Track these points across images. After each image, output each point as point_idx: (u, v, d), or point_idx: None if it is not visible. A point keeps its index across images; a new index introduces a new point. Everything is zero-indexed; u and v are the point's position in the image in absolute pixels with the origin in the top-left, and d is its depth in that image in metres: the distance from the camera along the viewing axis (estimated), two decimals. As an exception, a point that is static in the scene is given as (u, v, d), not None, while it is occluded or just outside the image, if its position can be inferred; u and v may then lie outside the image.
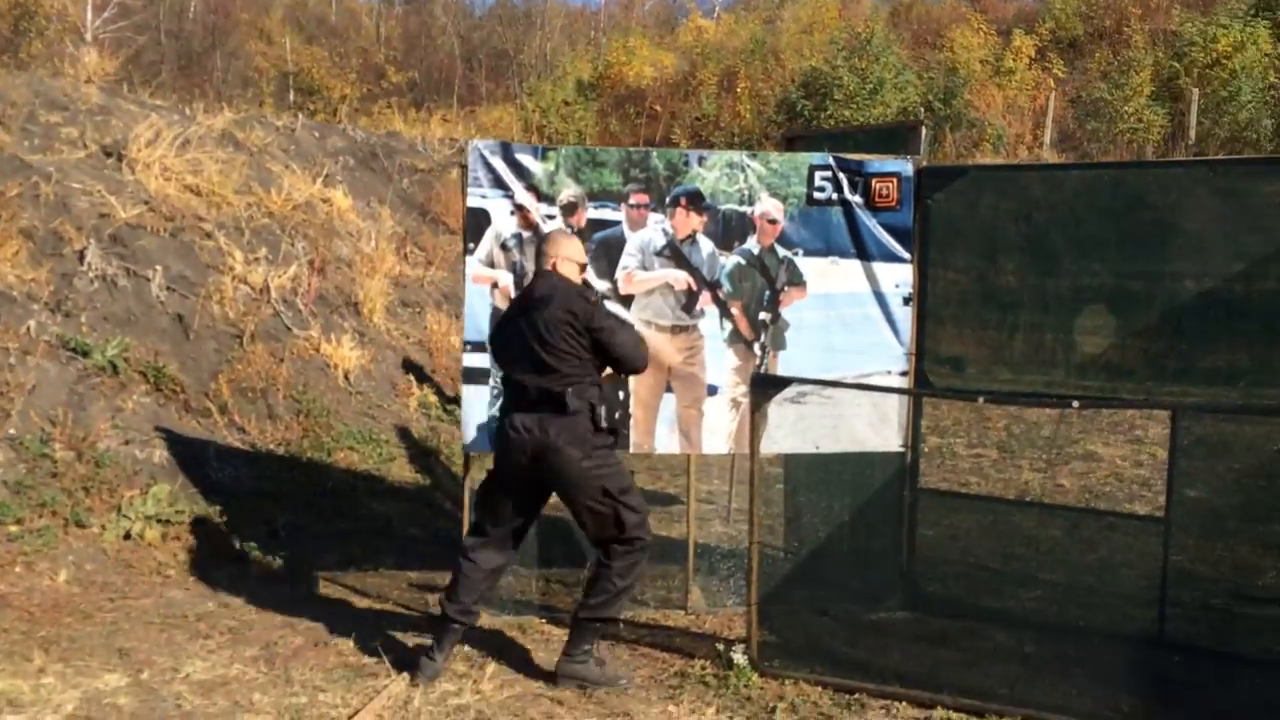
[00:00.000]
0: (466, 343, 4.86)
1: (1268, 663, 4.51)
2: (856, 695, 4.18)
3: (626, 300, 4.91)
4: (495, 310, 4.81)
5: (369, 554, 5.99)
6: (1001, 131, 16.83)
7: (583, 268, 4.35)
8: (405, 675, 4.27)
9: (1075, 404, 4.14)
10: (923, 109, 17.04)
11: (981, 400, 4.26)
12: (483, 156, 4.73)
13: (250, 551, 5.74)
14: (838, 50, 18.36)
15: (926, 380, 5.22)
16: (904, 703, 4.13)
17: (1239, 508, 4.83)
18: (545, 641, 4.78)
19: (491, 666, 4.42)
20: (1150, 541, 4.94)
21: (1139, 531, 5.41)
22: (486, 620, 4.94)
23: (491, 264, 4.81)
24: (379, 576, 5.66)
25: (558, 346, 4.08)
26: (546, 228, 4.79)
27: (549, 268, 4.21)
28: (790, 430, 5.11)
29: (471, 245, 4.80)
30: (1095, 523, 6.29)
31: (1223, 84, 15.79)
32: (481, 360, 4.81)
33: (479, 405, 4.85)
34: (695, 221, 4.93)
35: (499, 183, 4.76)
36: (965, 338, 5.25)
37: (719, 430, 5.06)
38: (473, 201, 4.78)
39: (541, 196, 4.81)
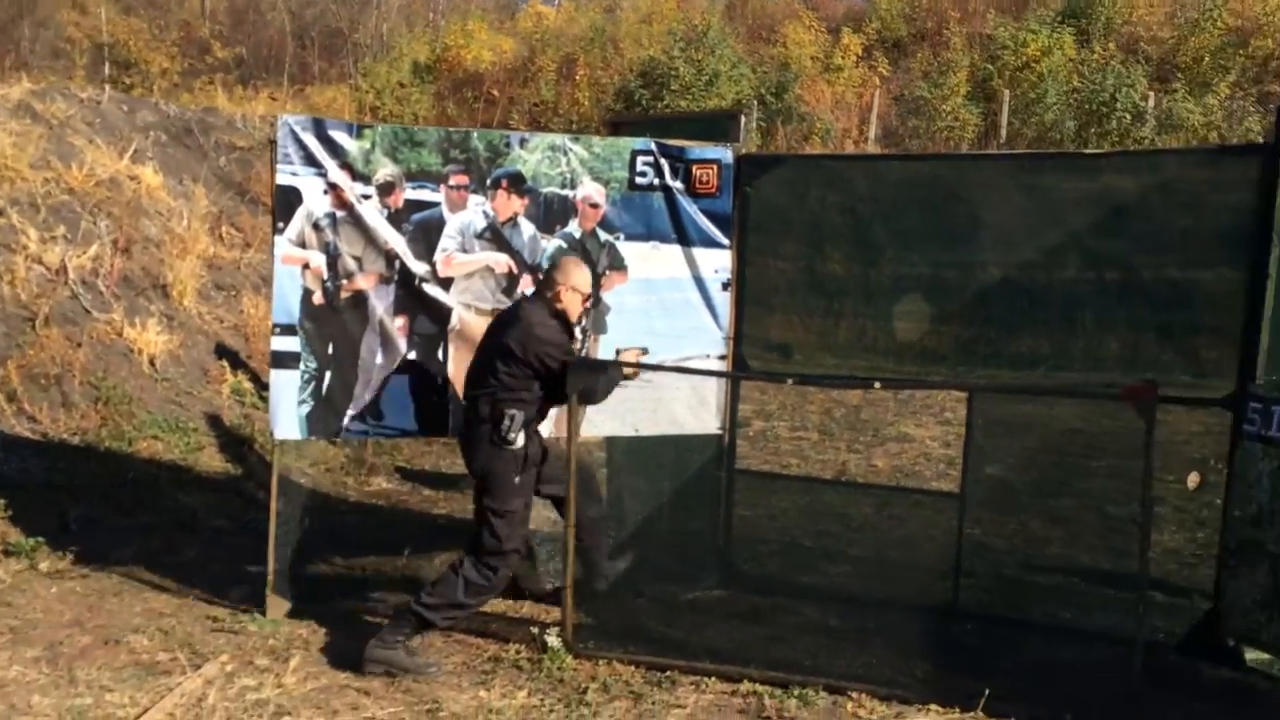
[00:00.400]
0: (275, 325, 4.68)
1: (1052, 627, 4.82)
2: (668, 673, 4.25)
3: (446, 283, 4.84)
4: (306, 292, 4.66)
5: (170, 547, 5.71)
6: (830, 126, 17.39)
7: (585, 298, 4.53)
8: (201, 672, 4.10)
9: (877, 384, 4.30)
10: (756, 102, 17.43)
11: (790, 382, 4.38)
12: (293, 132, 4.56)
13: (37, 547, 5.38)
14: (675, 41, 18.55)
15: (745, 364, 5.33)
16: (714, 678, 4.22)
17: (1032, 484, 5.12)
18: (355, 631, 4.66)
19: (297, 659, 4.29)
20: (948, 517, 5.20)
21: (940, 508, 5.68)
22: (294, 611, 4.80)
23: (303, 244, 4.64)
24: (180, 570, 5.39)
25: (497, 367, 4.29)
26: (362, 208, 4.67)
27: (550, 295, 4.41)
28: (610, 414, 5.13)
29: (281, 224, 4.62)
30: (903, 500, 6.60)
31: (1031, 86, 16.73)
32: (291, 344, 4.65)
33: (289, 391, 4.68)
34: (517, 204, 4.89)
35: (311, 160, 4.59)
36: (793, 324, 5.39)
37: (540, 414, 5.03)
38: (282, 179, 4.60)
39: (356, 175, 4.67)
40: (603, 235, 5.03)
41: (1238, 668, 4.44)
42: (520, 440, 4.33)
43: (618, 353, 4.92)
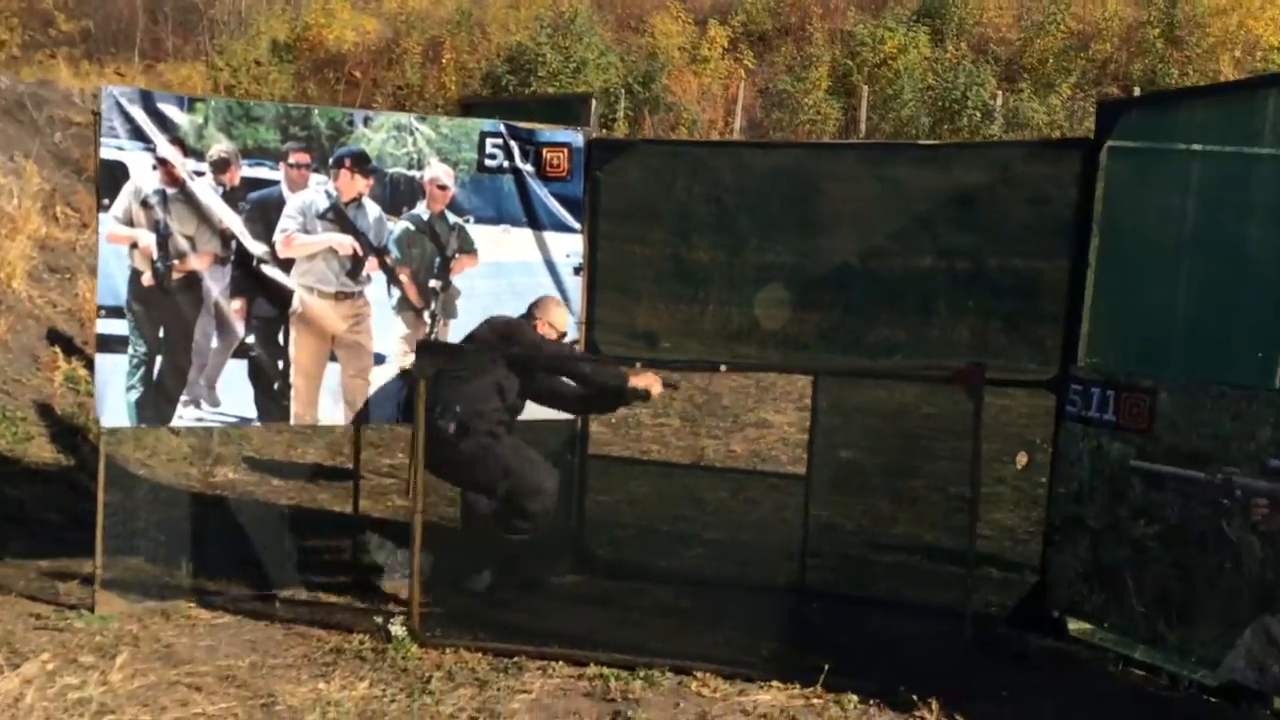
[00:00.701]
0: (101, 307, 4.44)
1: (893, 604, 4.98)
2: (516, 659, 4.23)
3: (286, 264, 4.68)
4: (135, 272, 4.44)
5: (-7, 543, 5.40)
6: (696, 117, 17.57)
7: (562, 336, 4.97)
8: (19, 671, 3.88)
9: (723, 366, 4.36)
10: (624, 91, 17.48)
11: (638, 365, 4.40)
12: (119, 104, 4.33)
13: None
14: (542, 27, 18.46)
15: (597, 349, 5.34)
16: (561, 663, 4.21)
17: (875, 466, 5.27)
18: (191, 627, 4.51)
19: (124, 656, 4.09)
20: (797, 499, 5.31)
21: (790, 490, 5.80)
22: (126, 607, 4.60)
23: (130, 222, 4.43)
24: (3, 566, 5.10)
25: None
26: (195, 184, 4.47)
27: (534, 325, 4.91)
28: (460, 399, 5.07)
29: (106, 201, 4.39)
30: (757, 484, 6.73)
31: (889, 82, 17.25)
32: (118, 327, 4.43)
33: (115, 376, 4.47)
34: (360, 184, 4.77)
35: (138, 134, 4.38)
36: (660, 312, 5.41)
37: (388, 400, 4.94)
38: (107, 153, 4.36)
39: (189, 151, 4.48)
40: (452, 218, 4.95)
41: (1061, 638, 4.67)
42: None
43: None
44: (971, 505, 3.97)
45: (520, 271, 5.08)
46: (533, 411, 5.09)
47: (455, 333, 5.00)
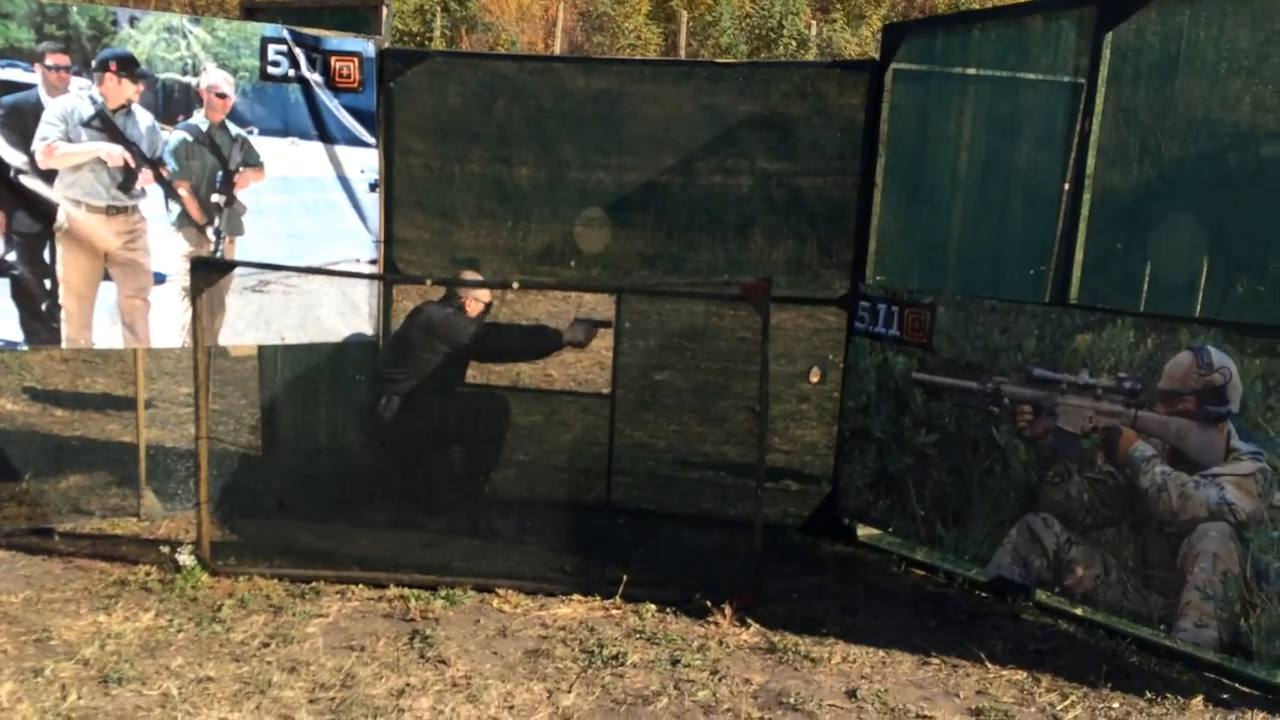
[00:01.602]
0: None
1: (695, 517, 5.12)
2: (314, 584, 4.14)
3: (48, 175, 4.33)
4: None
5: None
6: (515, 38, 17.15)
7: (487, 306, 5.15)
8: None
9: (515, 284, 4.30)
10: (439, 8, 16.88)
11: (430, 283, 4.30)
12: None
13: None
14: (352, -63, 17.55)
15: (397, 268, 5.19)
16: (361, 585, 4.15)
17: (687, 386, 5.35)
18: (-42, 564, 4.21)
19: (-122, 597, 3.80)
20: (604, 418, 5.35)
21: (603, 411, 5.84)
22: (-120, 547, 4.26)
23: None
24: None
25: None
26: (-66, 85, 4.07)
27: (461, 304, 5.05)
28: (252, 321, 4.87)
29: None
30: (571, 406, 6.74)
31: (708, 9, 17.26)
32: None
33: None
34: (129, 90, 4.43)
35: None
36: (481, 236, 5.28)
37: (171, 322, 4.68)
38: None
39: (-73, 48, 4.06)
40: (234, 129, 4.68)
41: (851, 543, 4.92)
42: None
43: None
44: (761, 417, 4.08)
45: (312, 187, 4.86)
46: (337, 334, 4.96)
47: (244, 251, 4.76)
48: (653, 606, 4.02)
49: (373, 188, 4.99)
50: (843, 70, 4.78)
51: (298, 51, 4.72)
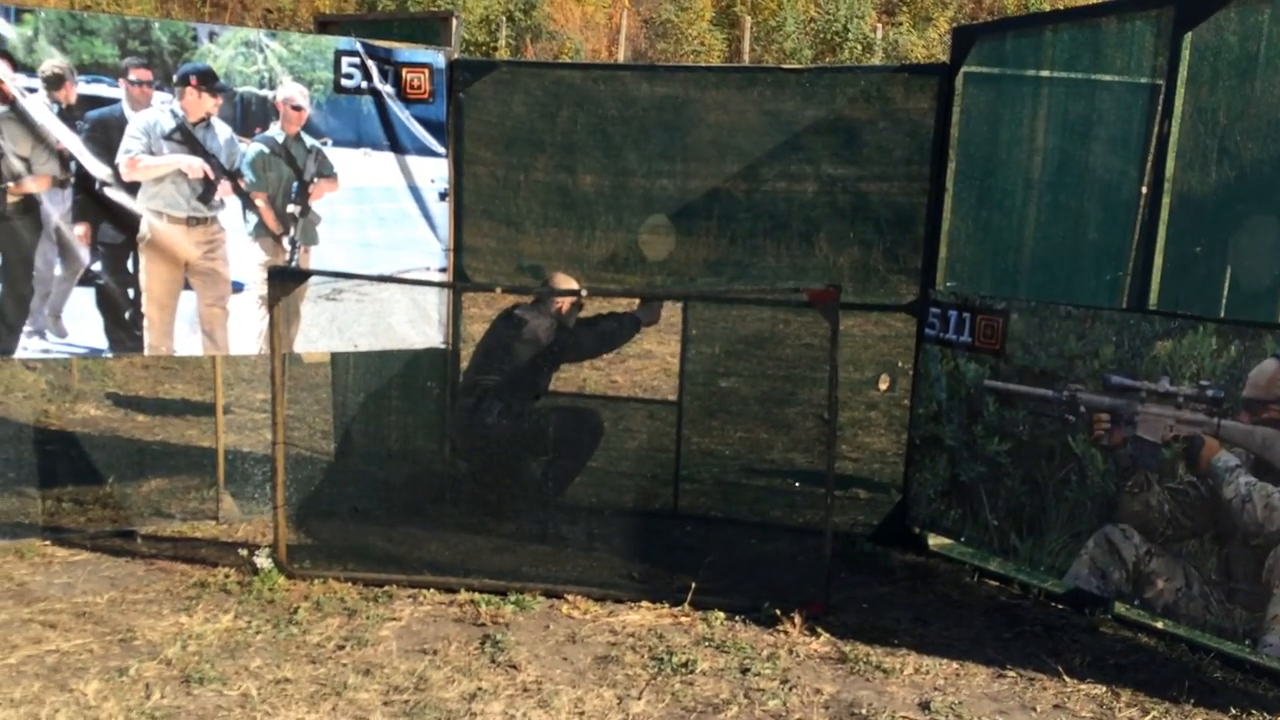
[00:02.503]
0: (-70, 232, 4.19)
1: (764, 524, 5.10)
2: (386, 588, 4.20)
3: (132, 187, 4.46)
4: (-32, 195, 4.18)
5: None
6: (579, 46, 17.29)
7: (577, 303, 5.13)
8: None
9: (584, 292, 4.33)
10: (505, 19, 17.08)
11: (500, 290, 4.35)
12: (-64, 14, 4.04)
13: None
14: (420, -50, 17.83)
15: (466, 276, 5.25)
16: (432, 589, 4.20)
17: (754, 393, 5.34)
18: (46, 565, 4.35)
19: (-28, 596, 3.95)
20: (672, 425, 5.36)
21: (670, 418, 5.84)
22: (-23, 547, 4.42)
23: (-43, 142, 4.15)
24: None
25: None
26: (26, 102, 4.20)
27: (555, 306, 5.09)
28: (326, 329, 4.96)
29: (-71, 119, 4.11)
30: (638, 412, 6.75)
31: (771, 14, 17.23)
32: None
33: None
34: (209, 103, 4.55)
35: (-40, 47, 4.10)
36: (546, 243, 5.33)
37: (248, 330, 4.79)
38: (-74, 67, 4.08)
39: (18, 66, 4.19)
40: (309, 140, 4.77)
41: (922, 553, 4.86)
42: None
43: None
44: (829, 425, 4.05)
45: (384, 196, 4.94)
46: (408, 341, 5.04)
47: (318, 260, 4.85)
48: (721, 614, 4.01)
49: (443, 197, 5.06)
50: (911, 74, 4.73)
51: (370, 64, 4.80)
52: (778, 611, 3.96)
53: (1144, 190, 4.12)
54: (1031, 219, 4.57)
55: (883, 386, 4.98)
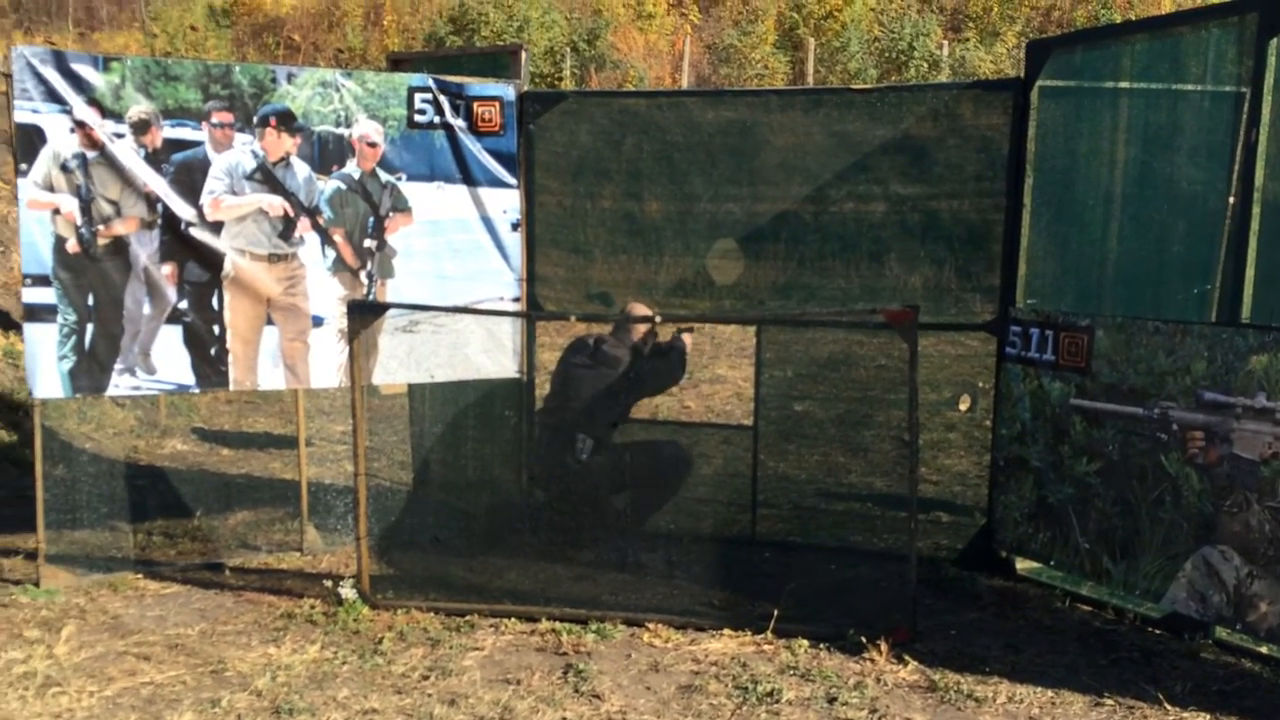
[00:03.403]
0: (26, 276, 4.34)
1: (844, 549, 5.02)
2: (468, 618, 4.22)
3: (215, 227, 4.58)
4: (59, 239, 4.33)
5: (-65, 522, 5.30)
6: (643, 74, 17.40)
7: (650, 330, 5.12)
8: (-41, 649, 3.82)
9: (657, 318, 4.32)
10: (569, 49, 17.27)
11: (574, 319, 4.37)
12: (31, 65, 4.19)
13: None
14: (485, -14, 18.16)
15: (539, 305, 5.29)
16: (513, 619, 4.21)
17: (829, 416, 5.27)
18: (139, 597, 4.45)
19: (70, 628, 4.05)
20: (747, 450, 5.31)
21: (745, 443, 5.80)
22: (72, 581, 4.54)
23: (51, 188, 4.30)
24: (-56, 546, 5.02)
25: None
26: (115, 147, 4.35)
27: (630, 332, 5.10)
28: (404, 361, 5.03)
29: (24, 166, 4.27)
30: (712, 438, 6.71)
31: (835, 35, 17.16)
32: (45, 295, 4.32)
33: (46, 346, 4.36)
34: (288, 143, 4.66)
35: (53, 96, 4.24)
36: (614, 271, 5.35)
37: (328, 363, 4.87)
38: (21, 117, 4.23)
39: (106, 113, 4.35)
40: (384, 176, 4.86)
41: (1009, 577, 4.74)
42: None
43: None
44: (910, 447, 3.98)
45: (457, 229, 5.01)
46: (484, 371, 5.09)
47: (394, 293, 4.93)
48: (805, 642, 3.95)
49: (515, 227, 5.11)
50: (984, 90, 4.67)
51: (442, 99, 4.88)
52: (863, 639, 3.89)
53: (1232, 200, 4.00)
54: (1114, 233, 4.46)
55: (963, 407, 4.89)
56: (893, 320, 3.81)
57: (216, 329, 4.63)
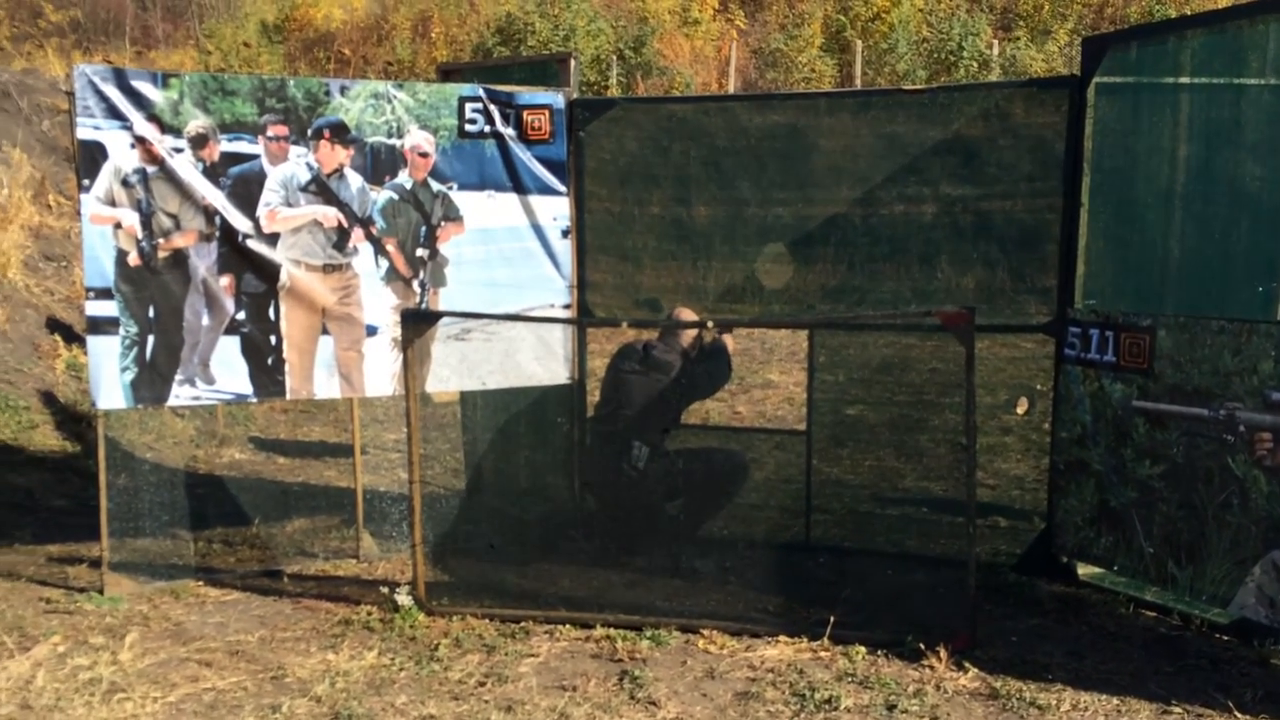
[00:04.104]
0: (89, 289, 4.43)
1: (900, 555, 4.96)
2: (523, 624, 4.23)
3: (271, 239, 4.64)
4: (120, 253, 4.42)
5: (1, 530, 5.41)
6: (690, 80, 17.39)
7: (698, 337, 5.09)
8: (30, 654, 3.90)
9: (710, 324, 4.31)
10: (615, 57, 17.32)
11: (625, 325, 4.37)
12: (92, 83, 4.29)
13: None
14: (531, -4, 18.29)
15: (590, 312, 5.29)
16: (568, 625, 4.21)
17: (883, 420, 5.22)
18: (200, 604, 4.52)
19: (133, 635, 4.11)
20: (800, 455, 5.27)
21: (793, 447, 5.76)
22: (135, 588, 4.62)
23: (113, 202, 4.40)
24: (12, 553, 5.13)
25: None
26: (174, 161, 4.43)
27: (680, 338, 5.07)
28: (456, 368, 5.06)
29: (87, 181, 4.36)
30: (764, 443, 6.68)
31: (883, 37, 17.03)
32: (107, 308, 4.41)
33: (109, 358, 4.45)
34: (341, 155, 4.72)
35: (114, 112, 4.34)
36: (662, 276, 5.35)
37: (382, 372, 4.92)
38: (84, 133, 4.33)
39: (166, 128, 4.43)
40: (435, 185, 4.90)
41: (1071, 583, 4.64)
42: None
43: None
44: (968, 451, 3.92)
45: (508, 237, 5.03)
46: (535, 378, 5.10)
47: (446, 301, 4.96)
48: (863, 648, 3.90)
49: (565, 234, 5.12)
50: (1039, 88, 4.60)
51: (493, 108, 4.92)
52: (921, 645, 3.84)
53: (1298, 195, 3.90)
54: (1174, 231, 4.36)
55: (1020, 410, 4.82)
56: (949, 323, 3.76)
57: (273, 339, 4.69)
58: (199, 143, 4.49)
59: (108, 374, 4.45)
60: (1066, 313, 4.52)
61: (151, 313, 4.49)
